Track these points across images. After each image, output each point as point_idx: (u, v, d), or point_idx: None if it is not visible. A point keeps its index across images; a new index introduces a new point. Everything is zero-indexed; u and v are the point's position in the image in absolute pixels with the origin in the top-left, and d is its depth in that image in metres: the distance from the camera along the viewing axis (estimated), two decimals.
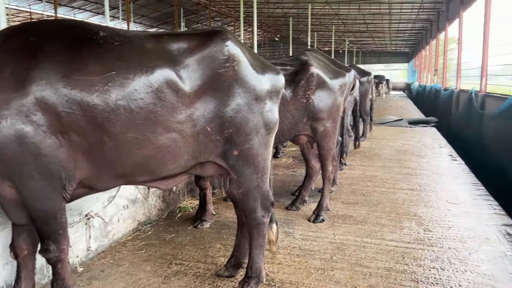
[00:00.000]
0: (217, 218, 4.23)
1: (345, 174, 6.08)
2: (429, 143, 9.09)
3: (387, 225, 4.05)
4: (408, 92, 36.33)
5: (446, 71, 17.89)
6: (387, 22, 26.91)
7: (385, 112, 15.13)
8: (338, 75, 4.13)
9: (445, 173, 6.26)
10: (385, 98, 25.46)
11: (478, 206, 4.65)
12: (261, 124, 2.55)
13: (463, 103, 11.16)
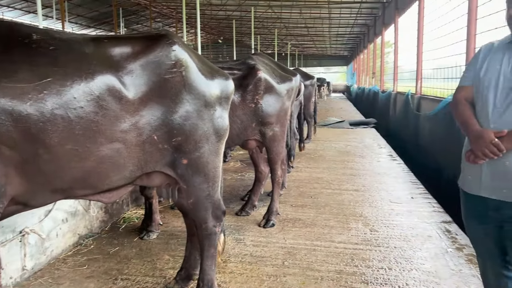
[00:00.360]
0: (164, 228, 4.07)
1: (293, 176, 6.13)
2: (370, 143, 9.44)
3: (335, 227, 4.11)
4: (348, 94, 37.71)
5: (383, 74, 18.72)
6: (327, 26, 27.74)
7: (327, 114, 15.55)
8: (285, 79, 4.14)
9: (386, 173, 6.50)
10: (327, 100, 26.24)
11: (418, 205, 4.86)
12: (211, 131, 2.47)
13: (400, 105, 11.70)
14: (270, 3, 19.85)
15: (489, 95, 1.99)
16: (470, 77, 2.14)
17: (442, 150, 7.19)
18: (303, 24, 26.87)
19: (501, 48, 2.05)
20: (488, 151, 1.90)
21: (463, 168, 2.18)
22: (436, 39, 9.00)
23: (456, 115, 2.17)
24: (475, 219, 2.16)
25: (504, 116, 1.93)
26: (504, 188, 1.95)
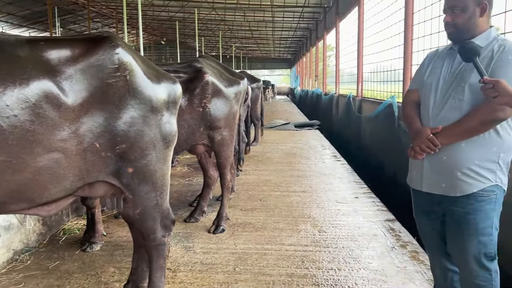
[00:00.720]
0: (108, 239, 3.88)
1: (241, 180, 6.10)
2: (314, 145, 9.64)
3: (285, 230, 4.13)
4: (292, 97, 38.43)
5: (325, 77, 19.26)
6: (271, 29, 28.09)
7: (273, 116, 15.72)
8: (233, 83, 4.10)
9: (332, 174, 6.66)
10: (272, 103, 26.55)
11: (363, 204, 5.01)
12: (159, 138, 2.37)
13: (342, 107, 12.09)
14: (213, 5, 19.75)
15: (430, 96, 2.15)
16: (416, 81, 2.32)
17: (383, 150, 7.50)
18: (247, 27, 27.02)
19: (443, 54, 2.22)
20: (425, 146, 2.04)
21: (410, 166, 2.31)
22: (376, 43, 9.39)
23: (403, 115, 2.34)
24: (423, 214, 2.30)
25: (440, 114, 2.08)
26: (443, 183, 2.09)
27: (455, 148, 2.04)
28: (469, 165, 2.02)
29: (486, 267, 2.04)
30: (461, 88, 2.02)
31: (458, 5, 2.03)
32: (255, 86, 9.13)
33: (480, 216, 2.03)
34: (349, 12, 13.18)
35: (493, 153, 2.02)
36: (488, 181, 2.03)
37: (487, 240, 2.03)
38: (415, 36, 6.40)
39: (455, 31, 2.08)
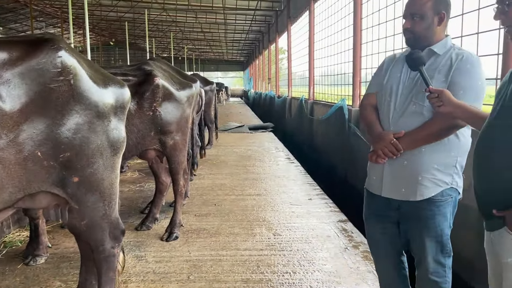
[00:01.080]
0: (53, 251, 3.67)
1: (195, 184, 6.01)
2: (268, 147, 9.69)
3: (240, 234, 4.10)
4: (246, 99, 38.58)
5: (278, 80, 19.46)
6: (223, 31, 28.03)
7: (227, 119, 15.66)
8: (185, 86, 4.02)
9: (285, 176, 6.71)
10: (225, 105, 26.47)
11: (316, 206, 5.08)
12: (106, 145, 2.26)
13: (295, 109, 12.26)
14: (164, 6, 19.41)
15: (391, 101, 2.16)
16: (374, 85, 2.33)
17: (334, 151, 7.67)
18: (199, 29, 26.79)
19: (401, 59, 2.23)
20: (388, 150, 2.04)
21: (368, 170, 2.32)
22: (326, 47, 9.59)
23: (362, 119, 2.34)
24: (376, 218, 2.30)
25: (401, 119, 2.10)
26: (403, 187, 2.10)
27: (416, 153, 2.06)
28: (429, 170, 2.06)
29: (442, 263, 2.12)
30: (422, 94, 2.03)
31: (417, 12, 2.07)
32: (208, 89, 9.06)
33: (439, 219, 2.09)
34: (300, 16, 13.40)
35: (452, 157, 2.08)
36: (446, 185, 2.08)
37: (445, 239, 2.11)
38: (364, 41, 6.61)
39: (413, 37, 2.12)
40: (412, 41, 2.14)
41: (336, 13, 8.54)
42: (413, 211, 2.12)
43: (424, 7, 2.06)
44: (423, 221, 2.10)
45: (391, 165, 2.12)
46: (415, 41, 2.12)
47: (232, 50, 41.00)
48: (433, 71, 2.05)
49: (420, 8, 2.06)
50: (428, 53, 2.10)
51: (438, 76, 2.03)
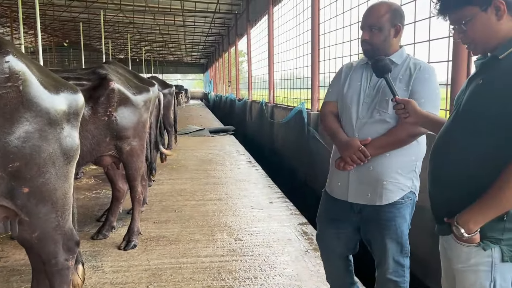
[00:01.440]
0: (3, 264, 3.48)
1: (154, 190, 5.89)
2: (229, 151, 9.67)
3: (200, 241, 4.04)
4: (206, 102, 38.34)
5: (238, 83, 19.48)
6: (182, 33, 27.73)
7: (187, 122, 15.50)
8: (142, 90, 3.92)
9: (247, 179, 6.71)
10: (185, 108, 26.20)
11: (277, 209, 5.10)
12: (58, 153, 2.16)
13: (256, 112, 12.31)
14: (121, 7, 18.95)
15: (353, 108, 2.21)
16: (334, 92, 2.38)
17: (294, 154, 7.75)
18: (158, 30, 26.37)
19: (360, 67, 2.31)
20: (356, 157, 2.09)
21: (331, 176, 2.36)
22: (286, 51, 9.70)
23: (325, 126, 2.37)
24: (334, 223, 2.36)
25: (366, 126, 2.16)
26: (368, 192, 2.17)
27: (381, 158, 2.13)
28: (393, 174, 2.14)
29: (401, 263, 2.21)
30: (385, 102, 2.11)
31: (376, 24, 2.14)
32: (167, 92, 8.92)
33: (399, 221, 2.17)
34: (260, 20, 13.48)
35: (412, 162, 2.18)
36: (407, 189, 2.18)
37: (404, 240, 2.21)
38: (322, 46, 6.73)
39: (371, 49, 2.19)
40: (370, 52, 2.20)
41: (295, 18, 8.66)
42: (375, 214, 2.19)
43: (382, 20, 2.14)
44: (384, 223, 2.17)
45: (357, 171, 2.18)
46: (373, 52, 2.19)
47: (191, 52, 40.64)
48: (394, 80, 2.12)
49: (378, 20, 2.14)
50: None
51: (399, 85, 2.11)
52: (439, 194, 1.67)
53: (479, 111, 1.48)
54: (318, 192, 6.52)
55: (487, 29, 1.47)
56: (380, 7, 2.17)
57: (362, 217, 2.25)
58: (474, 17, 1.47)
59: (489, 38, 1.49)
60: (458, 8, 1.50)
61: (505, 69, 1.41)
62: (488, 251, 1.46)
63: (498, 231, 1.45)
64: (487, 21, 1.46)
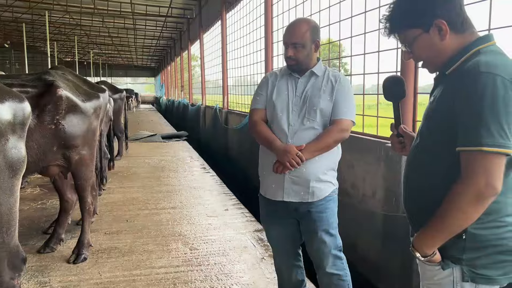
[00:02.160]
0: None
1: (105, 199, 5.68)
2: (183, 157, 9.54)
3: (155, 251, 3.95)
4: (157, 106, 37.66)
5: (191, 88, 19.29)
6: (132, 36, 27.11)
7: (138, 128, 15.12)
8: (92, 96, 3.78)
9: (201, 187, 6.65)
10: (136, 113, 25.58)
11: (233, 216, 5.09)
12: (3, 166, 2.04)
13: (210, 118, 12.24)
14: (67, 8, 18.22)
15: (283, 116, 2.40)
16: (262, 100, 2.53)
17: (249, 161, 7.78)
18: (107, 33, 25.60)
19: (284, 77, 2.49)
20: (295, 161, 2.28)
21: (264, 179, 2.54)
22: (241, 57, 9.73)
23: (257, 133, 2.49)
24: (276, 222, 2.58)
25: (298, 133, 2.36)
26: (302, 191, 2.40)
27: (311, 161, 2.36)
28: (320, 175, 2.40)
29: (339, 256, 2.48)
30: (313, 111, 2.36)
31: (299, 42, 2.36)
32: (117, 97, 8.69)
33: (329, 213, 2.45)
34: (213, 25, 13.45)
35: (334, 163, 2.49)
36: (332, 185, 2.49)
37: (336, 233, 2.48)
38: (275, 53, 6.82)
39: (296, 64, 2.40)
40: (295, 67, 2.42)
41: (249, 25, 8.72)
42: (308, 209, 2.43)
43: (304, 37, 2.37)
44: (317, 215, 2.43)
45: (291, 173, 2.38)
46: (297, 67, 2.43)
47: (142, 55, 39.82)
48: (318, 90, 2.38)
49: (301, 38, 2.37)
50: (310, 74, 2.44)
51: (323, 95, 2.37)
52: (408, 210, 1.66)
53: (429, 128, 1.51)
54: None
55: (431, 49, 1.49)
56: (301, 25, 2.40)
57: (298, 214, 2.47)
58: (418, 39, 1.49)
59: (435, 57, 1.51)
60: (402, 30, 1.53)
61: (451, 84, 1.43)
62: (449, 270, 1.44)
63: (458, 251, 1.42)
64: (430, 42, 1.47)
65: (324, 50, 6.23)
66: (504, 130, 1.26)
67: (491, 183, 1.27)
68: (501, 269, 1.40)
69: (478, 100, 1.28)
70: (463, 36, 1.46)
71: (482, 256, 1.39)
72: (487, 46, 1.42)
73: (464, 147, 1.32)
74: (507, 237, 1.38)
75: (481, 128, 1.27)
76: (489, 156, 1.27)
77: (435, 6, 1.43)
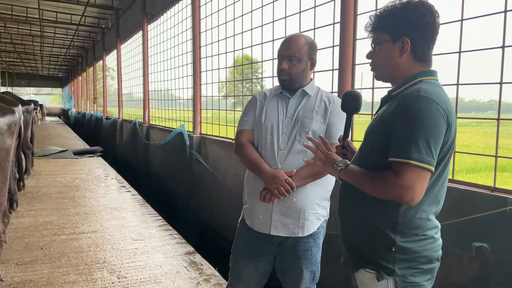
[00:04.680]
0: None
1: (13, 224, 5.05)
2: (99, 175, 8.93)
3: (77, 282, 3.57)
4: (66, 119, 35.25)
5: (106, 100, 18.32)
6: (39, 44, 25.13)
7: (45, 142, 13.93)
8: (6, 112, 3.35)
9: (123, 207, 6.24)
10: (41, 126, 23.64)
11: (161, 239, 4.82)
12: None
13: (128, 132, 11.66)
14: None
15: (273, 139, 2.21)
16: (250, 121, 2.34)
17: (175, 178, 7.51)
18: (9, 39, 23.42)
19: (274, 97, 2.32)
20: (284, 189, 2.07)
21: (252, 208, 2.30)
22: (165, 70, 9.41)
23: (243, 156, 2.29)
24: (253, 257, 2.31)
25: (288, 158, 2.17)
26: (291, 224, 2.17)
27: (303, 190, 2.16)
28: (313, 205, 2.19)
29: None
30: (305, 133, 2.15)
31: (296, 55, 2.19)
32: (25, 110, 7.88)
33: (315, 250, 2.24)
34: (132, 36, 12.94)
35: (327, 192, 2.28)
36: (322, 218, 2.26)
37: (318, 267, 2.29)
38: (204, 69, 6.71)
39: (289, 79, 2.23)
40: (288, 82, 2.25)
41: (174, 38, 8.49)
42: (294, 246, 2.22)
43: (301, 51, 2.21)
44: (302, 254, 2.22)
45: (280, 203, 2.17)
46: (291, 82, 2.24)
47: (49, 64, 37.04)
48: (310, 112, 2.21)
49: (298, 51, 2.20)
50: (302, 94, 2.28)
51: (316, 117, 2.20)
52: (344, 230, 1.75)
53: (372, 144, 1.62)
54: (203, 216, 6.41)
55: (387, 58, 1.62)
56: (299, 39, 2.25)
57: (280, 249, 2.26)
58: (384, 44, 1.62)
59: (387, 67, 1.65)
60: (379, 31, 1.64)
61: (392, 104, 1.56)
62: (383, 282, 1.55)
63: (389, 262, 1.54)
64: (390, 52, 1.61)
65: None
66: (431, 149, 1.41)
67: (413, 194, 1.41)
68: (426, 275, 1.56)
69: (413, 118, 1.42)
70: (417, 64, 1.60)
71: (411, 266, 1.54)
72: (430, 78, 1.58)
73: (395, 158, 1.45)
74: (429, 248, 1.56)
75: (411, 143, 1.40)
76: (415, 169, 1.40)
77: (410, 26, 1.57)
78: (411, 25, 1.56)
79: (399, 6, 1.59)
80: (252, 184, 2.29)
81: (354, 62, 3.34)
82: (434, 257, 1.57)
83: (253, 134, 2.32)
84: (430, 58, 1.62)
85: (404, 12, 1.57)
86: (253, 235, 2.30)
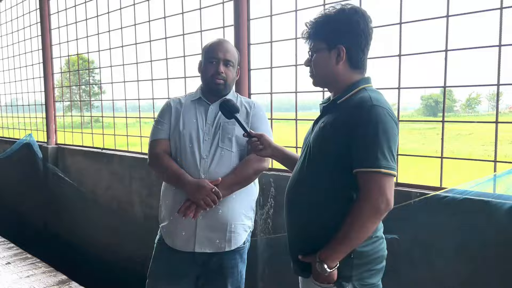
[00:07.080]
0: None
1: None
2: None
3: None
4: None
5: None
6: None
7: None
8: None
9: None
10: None
11: (23, 271, 4.07)
12: None
13: None
14: None
15: (194, 147, 2.06)
16: (165, 130, 2.13)
17: (25, 197, 6.49)
18: None
19: (191, 103, 2.17)
20: (210, 199, 1.91)
21: (171, 226, 2.08)
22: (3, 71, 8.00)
23: (160, 168, 2.07)
24: (174, 281, 2.10)
25: (212, 166, 2.03)
26: (217, 239, 2.02)
27: (229, 200, 2.03)
28: (239, 216, 2.07)
29: None
30: (228, 140, 2.07)
31: (232, 60, 2.13)
32: None
33: (241, 266, 2.13)
34: None
35: (252, 201, 2.17)
36: (248, 229, 2.15)
37: (242, 282, 2.17)
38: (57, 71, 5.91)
39: (224, 84, 2.13)
40: (222, 87, 2.14)
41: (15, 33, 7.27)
42: (219, 264, 2.07)
43: (235, 57, 2.16)
44: (228, 271, 2.09)
45: (205, 217, 2.00)
46: (224, 87, 2.15)
47: None
48: None
49: (233, 57, 2.14)
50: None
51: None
52: (293, 233, 1.71)
53: (322, 152, 1.60)
54: (65, 237, 5.64)
55: (324, 67, 1.64)
56: (230, 45, 2.18)
57: (204, 269, 2.09)
58: (320, 52, 1.63)
59: (325, 76, 1.67)
60: (316, 38, 1.64)
61: (342, 112, 1.57)
62: None
63: (347, 269, 1.54)
64: (326, 60, 1.62)
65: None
66: (392, 154, 1.46)
67: (387, 200, 1.43)
68: (379, 275, 1.62)
69: (373, 127, 1.44)
70: (354, 72, 1.65)
71: (367, 269, 1.57)
72: (369, 86, 1.64)
73: (362, 168, 1.45)
74: (381, 248, 1.62)
75: (378, 152, 1.43)
76: (385, 177, 1.43)
77: (345, 35, 1.59)
78: (346, 33, 1.59)
79: (333, 13, 1.61)
80: (172, 199, 2.09)
81: (250, 67, 3.31)
82: (384, 256, 1.64)
83: (169, 143, 2.13)
84: (365, 65, 1.68)
85: (339, 19, 1.59)
86: (174, 255, 2.10)
